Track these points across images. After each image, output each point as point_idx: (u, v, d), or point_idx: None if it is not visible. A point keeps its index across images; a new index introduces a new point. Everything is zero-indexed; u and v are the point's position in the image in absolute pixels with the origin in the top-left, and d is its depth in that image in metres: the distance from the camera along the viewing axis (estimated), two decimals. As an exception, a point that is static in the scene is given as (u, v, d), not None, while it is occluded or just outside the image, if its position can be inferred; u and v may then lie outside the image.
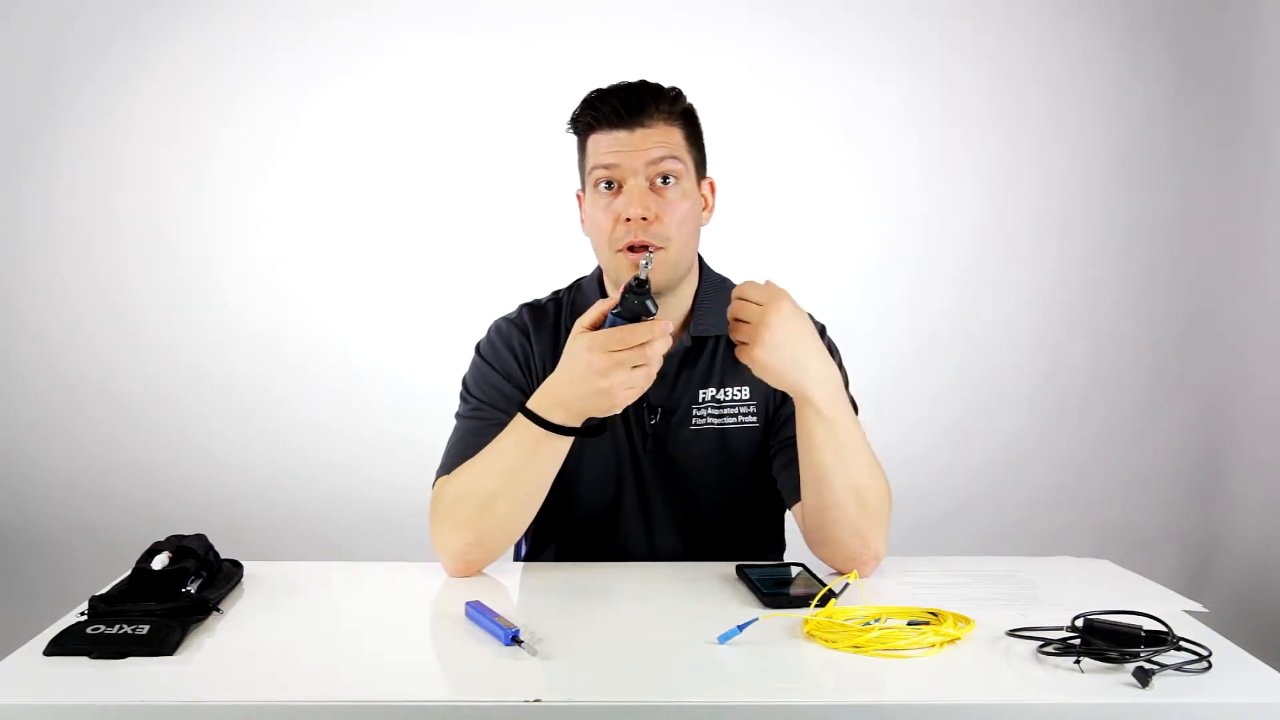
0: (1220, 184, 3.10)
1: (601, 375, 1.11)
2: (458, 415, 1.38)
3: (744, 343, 1.21)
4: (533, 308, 1.45)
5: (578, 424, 1.17)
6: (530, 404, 1.19)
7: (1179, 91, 3.10)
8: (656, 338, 1.11)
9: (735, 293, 1.23)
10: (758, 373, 1.21)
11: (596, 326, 1.15)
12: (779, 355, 1.18)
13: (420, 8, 3.11)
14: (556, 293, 1.48)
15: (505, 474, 1.21)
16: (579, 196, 1.40)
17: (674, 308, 1.38)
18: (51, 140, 3.11)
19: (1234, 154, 3.08)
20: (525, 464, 1.21)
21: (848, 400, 1.26)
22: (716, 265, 1.46)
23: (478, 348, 1.44)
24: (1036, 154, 3.16)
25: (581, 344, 1.13)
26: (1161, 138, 3.12)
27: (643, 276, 1.12)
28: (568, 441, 1.20)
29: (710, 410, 1.38)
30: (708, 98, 1.44)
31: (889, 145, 3.17)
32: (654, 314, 1.13)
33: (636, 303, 1.12)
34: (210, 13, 3.10)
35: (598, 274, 1.43)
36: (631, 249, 1.29)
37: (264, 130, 3.14)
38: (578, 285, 1.47)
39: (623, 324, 1.12)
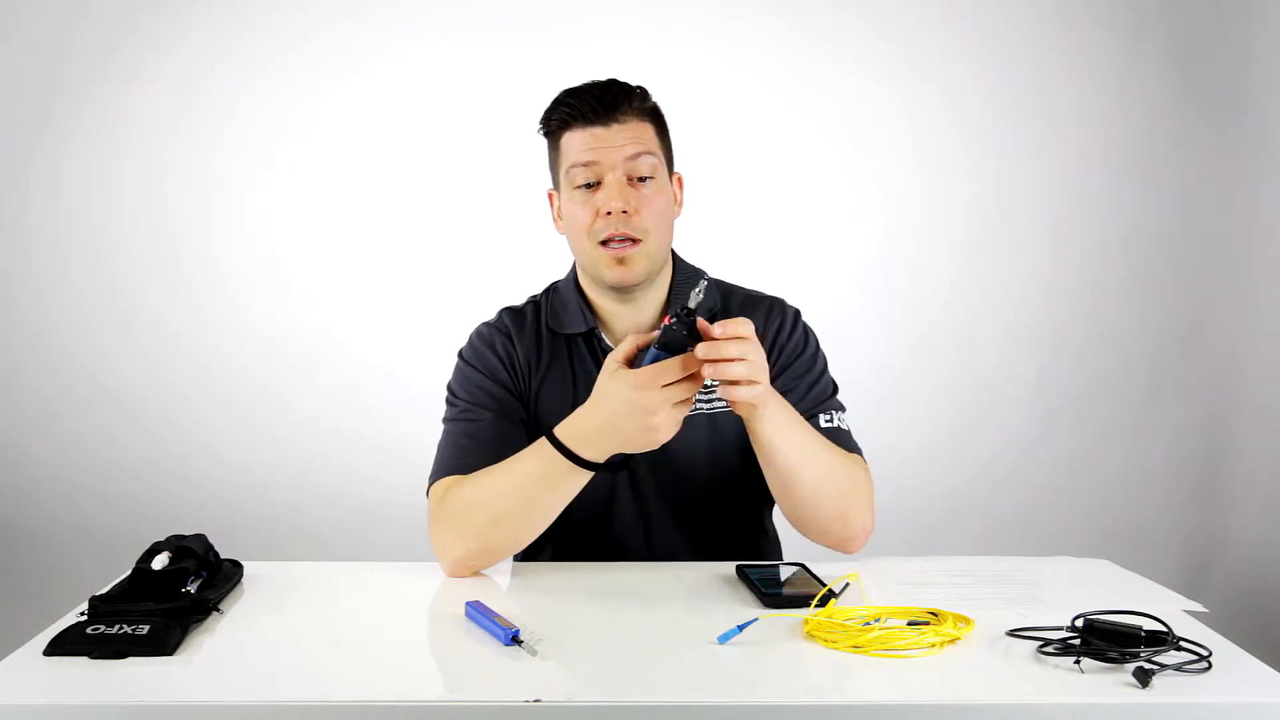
0: (1220, 184, 3.10)
1: (651, 413, 1.08)
2: (445, 420, 1.38)
3: (740, 384, 1.09)
4: (512, 311, 1.48)
5: (603, 459, 1.17)
6: (560, 435, 1.17)
7: (1179, 91, 3.10)
8: (695, 371, 1.08)
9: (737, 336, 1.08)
10: (742, 409, 1.14)
11: (630, 360, 1.12)
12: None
13: (421, 10, 3.11)
14: (534, 297, 1.50)
15: (522, 497, 1.21)
16: (550, 195, 1.42)
17: (650, 300, 1.40)
18: (56, 138, 3.12)
19: (1234, 154, 3.08)
20: (544, 491, 1.20)
21: (787, 403, 1.22)
22: (719, 266, 1.47)
23: (461, 354, 1.45)
24: (1036, 154, 3.16)
25: (626, 383, 1.09)
26: (1161, 138, 3.12)
27: (692, 305, 1.07)
28: (589, 475, 1.19)
29: (698, 395, 1.38)
30: (707, 98, 1.44)
31: (889, 145, 3.17)
32: (692, 349, 1.07)
33: (685, 334, 1.07)
34: (214, 12, 3.11)
35: (573, 275, 1.45)
36: (611, 241, 1.31)
37: (266, 131, 3.14)
38: (554, 288, 1.49)
39: (665, 357, 1.08)
